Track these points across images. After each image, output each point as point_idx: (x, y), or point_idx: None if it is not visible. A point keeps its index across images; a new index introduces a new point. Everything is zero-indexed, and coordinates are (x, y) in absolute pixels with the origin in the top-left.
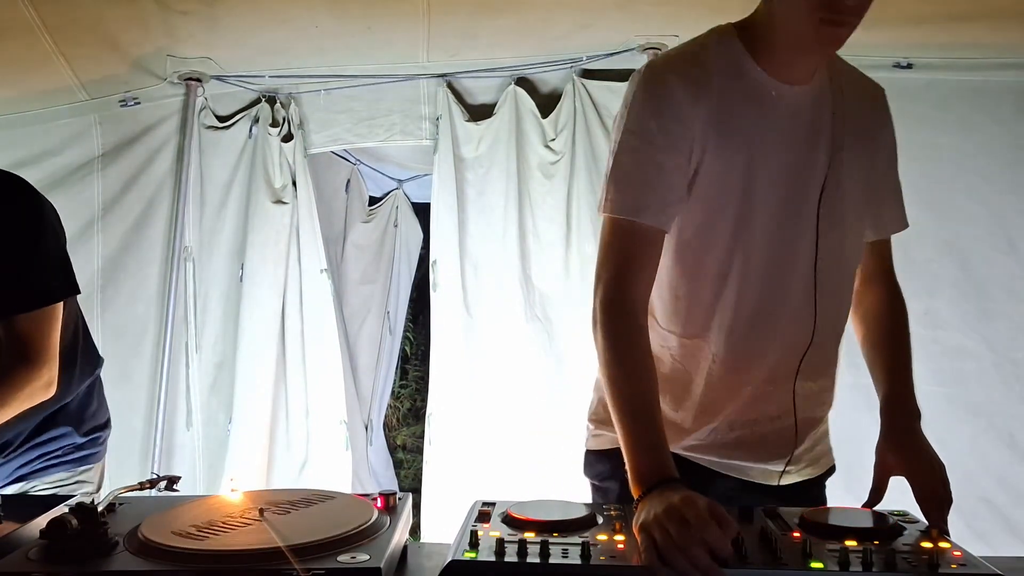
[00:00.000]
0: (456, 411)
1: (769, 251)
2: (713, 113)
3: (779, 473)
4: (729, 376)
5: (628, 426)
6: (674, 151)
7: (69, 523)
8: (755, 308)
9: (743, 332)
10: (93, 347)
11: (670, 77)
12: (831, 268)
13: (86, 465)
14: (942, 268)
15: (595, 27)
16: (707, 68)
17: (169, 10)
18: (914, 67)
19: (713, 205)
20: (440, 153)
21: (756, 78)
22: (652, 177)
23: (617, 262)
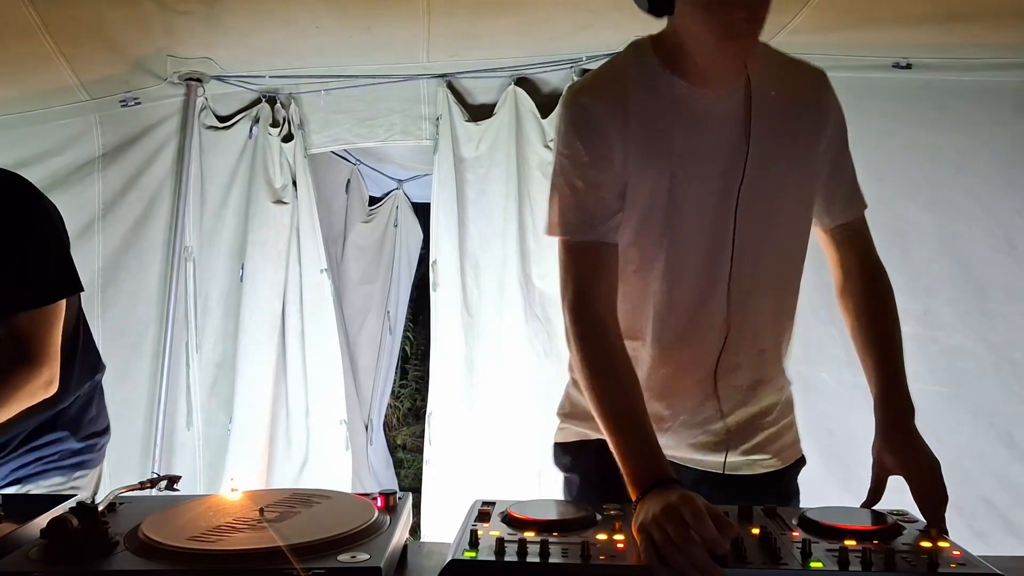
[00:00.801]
0: (456, 411)
1: (696, 253)
2: (632, 126)
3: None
4: (666, 376)
5: (617, 433)
6: (601, 167)
7: (69, 523)
8: (684, 309)
9: (672, 337)
10: (94, 350)
11: (585, 97)
12: (751, 264)
13: (82, 471)
14: (942, 268)
15: (595, 27)
16: (624, 83)
17: (169, 10)
18: (913, 67)
19: (642, 216)
20: (440, 153)
21: (673, 88)
22: (585, 195)
23: (575, 279)
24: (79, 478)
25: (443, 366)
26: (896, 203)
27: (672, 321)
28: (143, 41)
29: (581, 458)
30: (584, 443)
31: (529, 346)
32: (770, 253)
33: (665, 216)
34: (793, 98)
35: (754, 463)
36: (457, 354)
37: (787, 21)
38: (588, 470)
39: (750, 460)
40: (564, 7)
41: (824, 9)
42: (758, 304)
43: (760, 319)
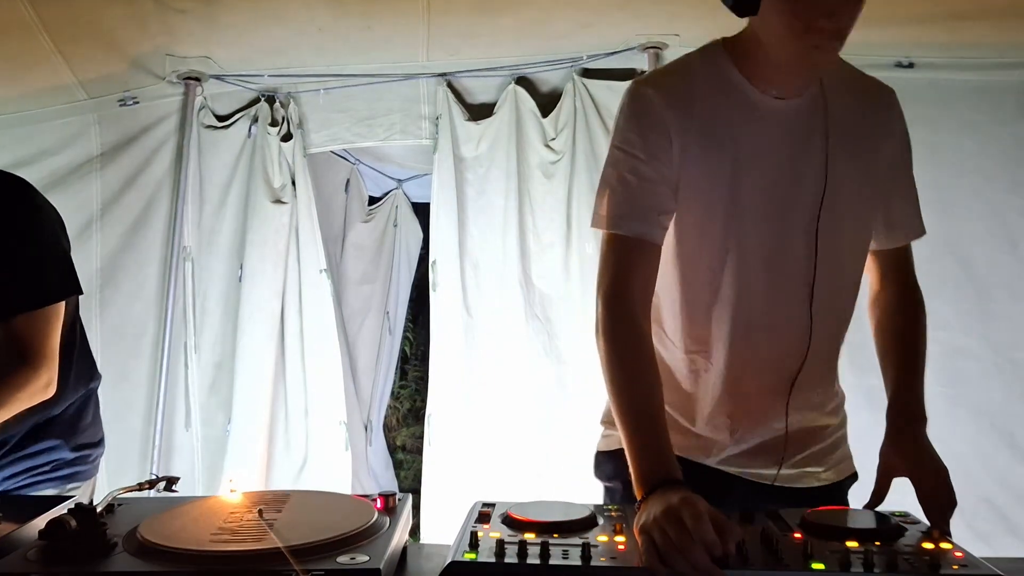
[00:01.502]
0: (456, 411)
1: (763, 264)
2: (696, 124)
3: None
4: (732, 387)
5: (630, 429)
6: (656, 162)
7: (68, 524)
8: (752, 320)
9: (742, 345)
10: (90, 357)
11: (650, 91)
12: (828, 280)
13: (75, 483)
14: (943, 268)
15: (595, 26)
16: (691, 82)
17: (168, 9)
18: (915, 66)
19: (702, 216)
20: (440, 153)
21: (744, 91)
22: (636, 190)
23: (613, 272)
24: (72, 490)
25: (443, 366)
26: None
27: (737, 330)
28: (142, 40)
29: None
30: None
31: (529, 346)
32: (843, 267)
33: (726, 218)
34: (863, 108)
35: (806, 475)
36: (457, 354)
37: None
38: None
39: (802, 472)
40: (564, 6)
41: None
42: (835, 313)
43: (837, 328)
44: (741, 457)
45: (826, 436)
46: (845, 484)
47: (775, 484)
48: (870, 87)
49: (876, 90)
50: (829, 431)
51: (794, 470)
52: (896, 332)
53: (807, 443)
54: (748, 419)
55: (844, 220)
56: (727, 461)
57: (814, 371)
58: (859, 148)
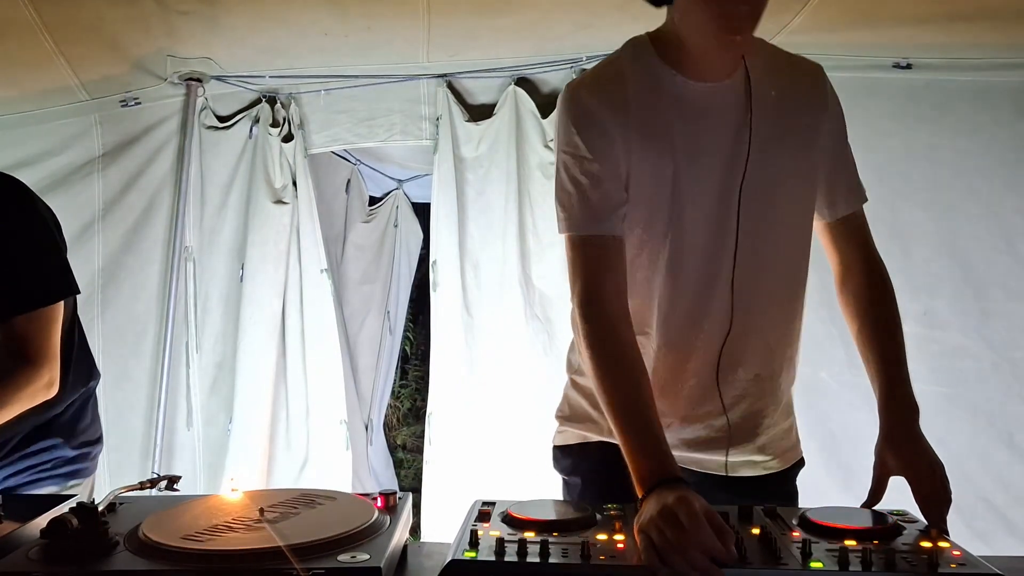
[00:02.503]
0: (456, 411)
1: (700, 246)
2: (632, 120)
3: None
4: (670, 371)
5: (625, 430)
6: (603, 162)
7: (69, 523)
8: (687, 304)
9: (678, 327)
10: (89, 357)
11: (584, 94)
12: (754, 261)
13: (76, 480)
14: (942, 268)
15: (595, 27)
16: (622, 79)
17: (169, 10)
18: (914, 67)
19: (647, 209)
20: (440, 153)
21: (673, 83)
22: (589, 190)
23: (583, 274)
24: (73, 487)
25: (443, 366)
26: (896, 203)
27: (676, 313)
28: (143, 41)
29: (583, 460)
30: (585, 445)
31: (529, 346)
32: (774, 244)
33: (669, 208)
34: (791, 91)
35: (755, 464)
36: (457, 354)
37: (787, 21)
38: (590, 472)
39: (751, 461)
40: (564, 7)
41: (824, 9)
42: (762, 296)
43: (765, 311)
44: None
45: (770, 425)
46: (792, 471)
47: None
48: (797, 66)
49: (804, 68)
50: (774, 420)
51: (742, 457)
52: (874, 326)
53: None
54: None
55: (773, 194)
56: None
57: (743, 352)
58: (789, 125)
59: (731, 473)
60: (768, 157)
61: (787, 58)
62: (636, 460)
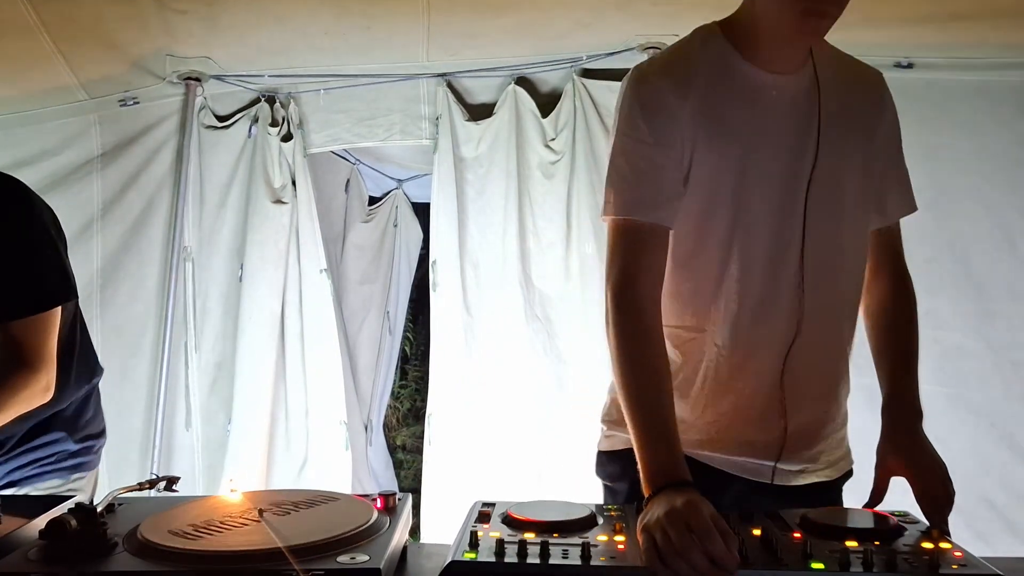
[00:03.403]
0: (456, 411)
1: (766, 240)
2: (701, 108)
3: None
4: (731, 369)
5: (640, 426)
6: (666, 147)
7: (68, 523)
8: (755, 299)
9: (745, 324)
10: (92, 354)
11: (655, 77)
12: (822, 258)
13: (79, 473)
14: (942, 268)
15: (595, 27)
16: (692, 66)
17: (168, 9)
18: (915, 67)
19: (709, 198)
20: (440, 153)
21: (742, 71)
22: (646, 175)
23: (623, 261)
24: (76, 480)
25: (443, 366)
26: None
27: (743, 309)
28: (142, 40)
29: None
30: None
31: (529, 346)
32: (840, 241)
33: (733, 199)
34: (854, 88)
35: (806, 472)
36: (457, 354)
37: None
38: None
39: (802, 469)
40: (564, 6)
41: None
42: (830, 294)
43: (833, 316)
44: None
45: (827, 435)
46: (842, 481)
47: (773, 483)
48: (860, 67)
49: (866, 70)
50: (831, 429)
51: (793, 467)
52: (890, 328)
53: (806, 442)
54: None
55: (844, 196)
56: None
57: (809, 354)
58: (853, 124)
59: (777, 481)
60: (835, 152)
61: (849, 59)
62: (646, 459)
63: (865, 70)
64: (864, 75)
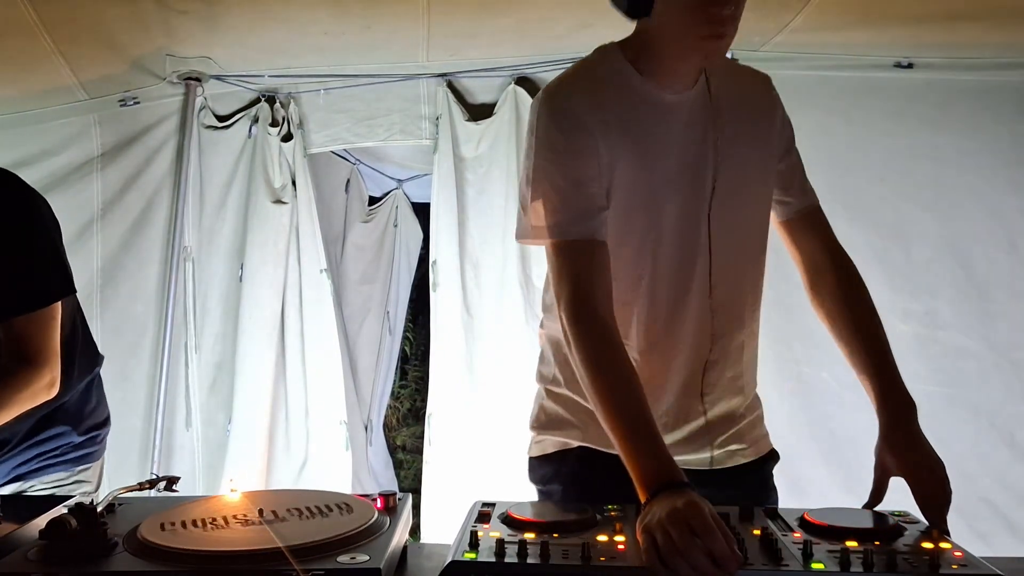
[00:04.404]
0: (456, 411)
1: (675, 250)
2: (611, 124)
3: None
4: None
5: (624, 434)
6: (585, 160)
7: (68, 523)
8: (665, 312)
9: (658, 335)
10: (92, 344)
11: (566, 93)
12: (727, 268)
13: (84, 464)
14: (942, 268)
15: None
16: (598, 85)
17: (168, 10)
18: (915, 67)
19: (625, 209)
20: (440, 153)
21: (642, 89)
22: (573, 193)
23: (571, 280)
24: (82, 471)
25: (443, 366)
26: (897, 203)
27: (656, 320)
28: (142, 40)
29: (563, 466)
30: (565, 452)
31: (529, 346)
32: (743, 244)
33: (646, 214)
34: (747, 98)
35: (732, 454)
36: (457, 354)
37: (788, 20)
38: (570, 476)
39: (728, 452)
40: (564, 6)
41: (825, 8)
42: (737, 295)
43: (740, 311)
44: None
45: (742, 416)
46: (767, 462)
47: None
48: (748, 75)
49: (755, 75)
50: (744, 411)
51: (720, 451)
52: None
53: (730, 422)
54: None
55: (742, 199)
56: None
57: (725, 351)
58: (746, 130)
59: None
60: (733, 163)
61: (737, 67)
62: (637, 463)
63: (753, 75)
64: (753, 81)
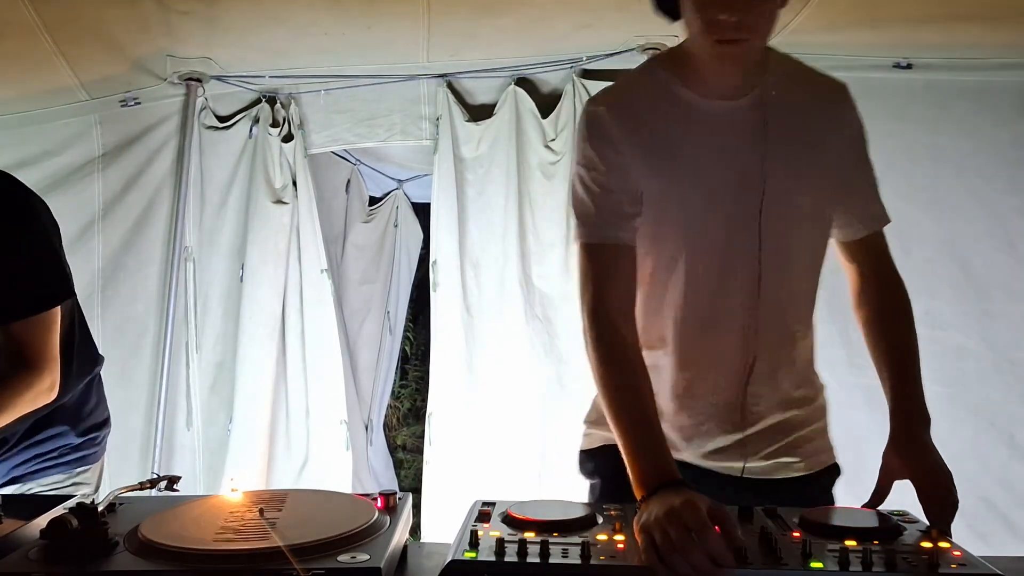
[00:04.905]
0: (456, 411)
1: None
2: (646, 139)
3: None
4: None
5: (627, 432)
6: (615, 176)
7: (69, 523)
8: (708, 316)
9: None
10: (92, 345)
11: (600, 110)
12: (776, 281)
13: (83, 466)
14: (942, 268)
15: (595, 27)
16: (635, 95)
17: (169, 10)
18: (914, 67)
19: (657, 220)
20: (440, 153)
21: (685, 98)
22: (601, 200)
23: (593, 281)
24: (80, 473)
25: (443, 366)
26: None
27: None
28: (143, 41)
29: (605, 462)
30: (607, 447)
31: (529, 346)
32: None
33: (682, 227)
34: (810, 107)
35: (778, 467)
36: (457, 354)
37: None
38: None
39: (774, 464)
40: (564, 7)
41: (825, 9)
42: (786, 308)
43: (789, 324)
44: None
45: (796, 427)
46: (823, 476)
47: (744, 476)
48: (820, 84)
49: (826, 86)
50: (799, 421)
51: (765, 462)
52: (888, 338)
53: (775, 435)
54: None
55: (794, 216)
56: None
57: (770, 361)
58: (804, 144)
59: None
60: (785, 174)
61: (811, 74)
62: (637, 461)
63: (826, 84)
64: (824, 90)
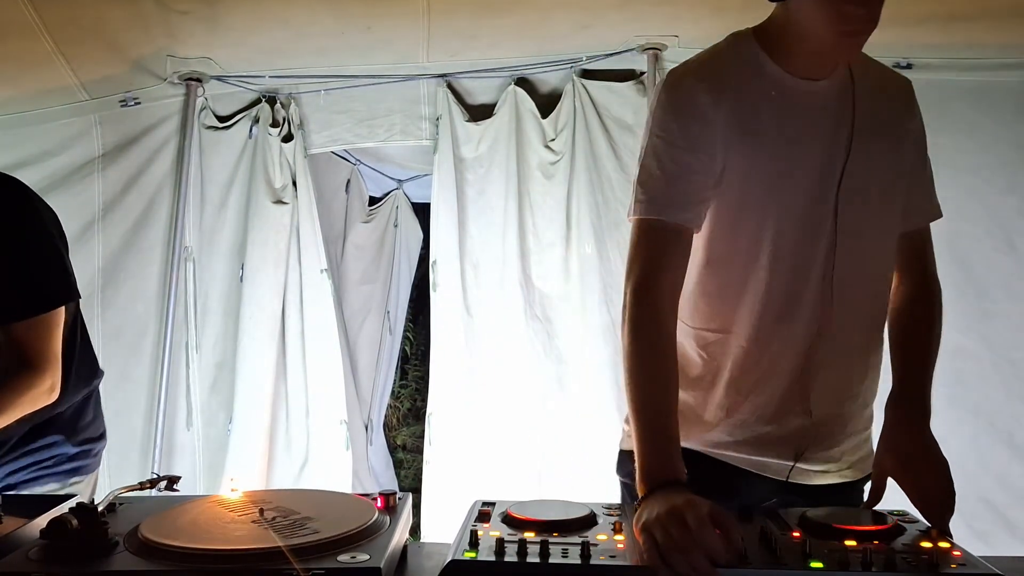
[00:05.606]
0: (456, 411)
1: (795, 243)
2: (734, 112)
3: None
4: (754, 370)
5: (641, 422)
6: (697, 151)
7: (69, 523)
8: (780, 300)
9: (769, 325)
10: (92, 356)
11: (688, 80)
12: (850, 259)
13: (77, 476)
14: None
15: (595, 27)
16: (725, 70)
17: (169, 10)
18: (914, 67)
19: (740, 200)
20: (440, 153)
21: (775, 76)
22: (676, 177)
23: (645, 260)
24: (74, 484)
25: (443, 366)
26: None
27: (768, 309)
28: (143, 41)
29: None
30: None
31: (529, 346)
32: (869, 245)
33: (764, 202)
34: (885, 95)
35: (828, 473)
36: (457, 354)
37: None
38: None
39: (824, 469)
40: (564, 7)
41: None
42: (857, 298)
43: (859, 315)
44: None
45: (850, 435)
46: (862, 483)
47: (789, 480)
48: (891, 77)
49: (897, 78)
50: (853, 430)
51: (814, 467)
52: (909, 326)
53: (827, 440)
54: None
55: (871, 199)
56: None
57: (839, 356)
58: (884, 132)
59: (793, 479)
60: (865, 157)
61: (880, 66)
62: (644, 456)
63: (895, 77)
64: (894, 83)
